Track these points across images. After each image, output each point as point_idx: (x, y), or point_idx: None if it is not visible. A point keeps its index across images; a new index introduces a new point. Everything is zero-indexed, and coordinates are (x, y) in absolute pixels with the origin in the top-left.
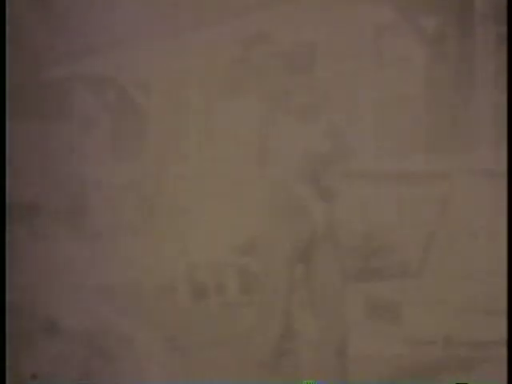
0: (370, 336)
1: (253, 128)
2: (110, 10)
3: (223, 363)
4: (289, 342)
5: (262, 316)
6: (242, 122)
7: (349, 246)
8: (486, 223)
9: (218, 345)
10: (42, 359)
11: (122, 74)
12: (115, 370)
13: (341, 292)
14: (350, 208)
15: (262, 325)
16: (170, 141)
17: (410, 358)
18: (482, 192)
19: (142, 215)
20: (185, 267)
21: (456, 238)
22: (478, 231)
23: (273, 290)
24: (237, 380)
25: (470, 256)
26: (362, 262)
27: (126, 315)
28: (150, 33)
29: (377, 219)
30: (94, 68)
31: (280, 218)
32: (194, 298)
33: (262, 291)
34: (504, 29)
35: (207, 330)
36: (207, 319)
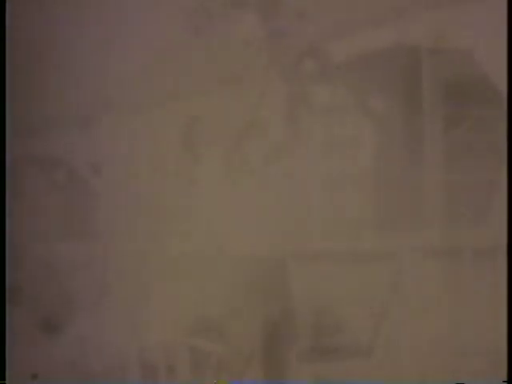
0: None
1: (205, 206)
2: (58, 91)
3: None
4: None
5: None
6: (193, 200)
7: (299, 325)
8: (435, 301)
9: None
10: (41, 359)
11: (72, 155)
12: None
13: (296, 371)
14: (301, 287)
15: None
16: (121, 219)
17: None
18: (431, 270)
19: (92, 294)
20: (136, 347)
21: (406, 317)
22: (427, 309)
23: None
24: None
25: (420, 334)
26: (312, 341)
27: None
28: (99, 114)
29: (326, 298)
30: (44, 148)
31: (239, 298)
32: (144, 379)
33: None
34: (451, 108)
35: None
36: None
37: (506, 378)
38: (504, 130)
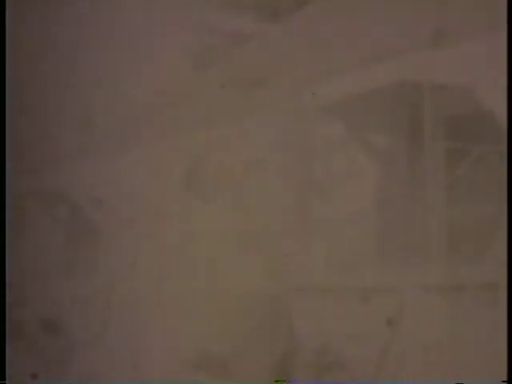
0: None
1: (208, 243)
2: (57, 127)
3: None
4: None
5: None
6: (193, 239)
7: (302, 361)
8: (437, 338)
9: None
10: (41, 359)
11: (74, 189)
12: None
13: None
14: (303, 324)
15: None
16: (122, 256)
17: None
18: (433, 305)
19: (93, 330)
20: (137, 381)
21: (408, 352)
22: (429, 346)
23: None
24: None
25: (422, 371)
26: (315, 377)
27: None
28: (99, 149)
29: (329, 334)
30: (46, 183)
31: (242, 334)
32: None
33: None
34: (453, 144)
35: None
36: None
37: (506, 378)
38: (504, 168)
